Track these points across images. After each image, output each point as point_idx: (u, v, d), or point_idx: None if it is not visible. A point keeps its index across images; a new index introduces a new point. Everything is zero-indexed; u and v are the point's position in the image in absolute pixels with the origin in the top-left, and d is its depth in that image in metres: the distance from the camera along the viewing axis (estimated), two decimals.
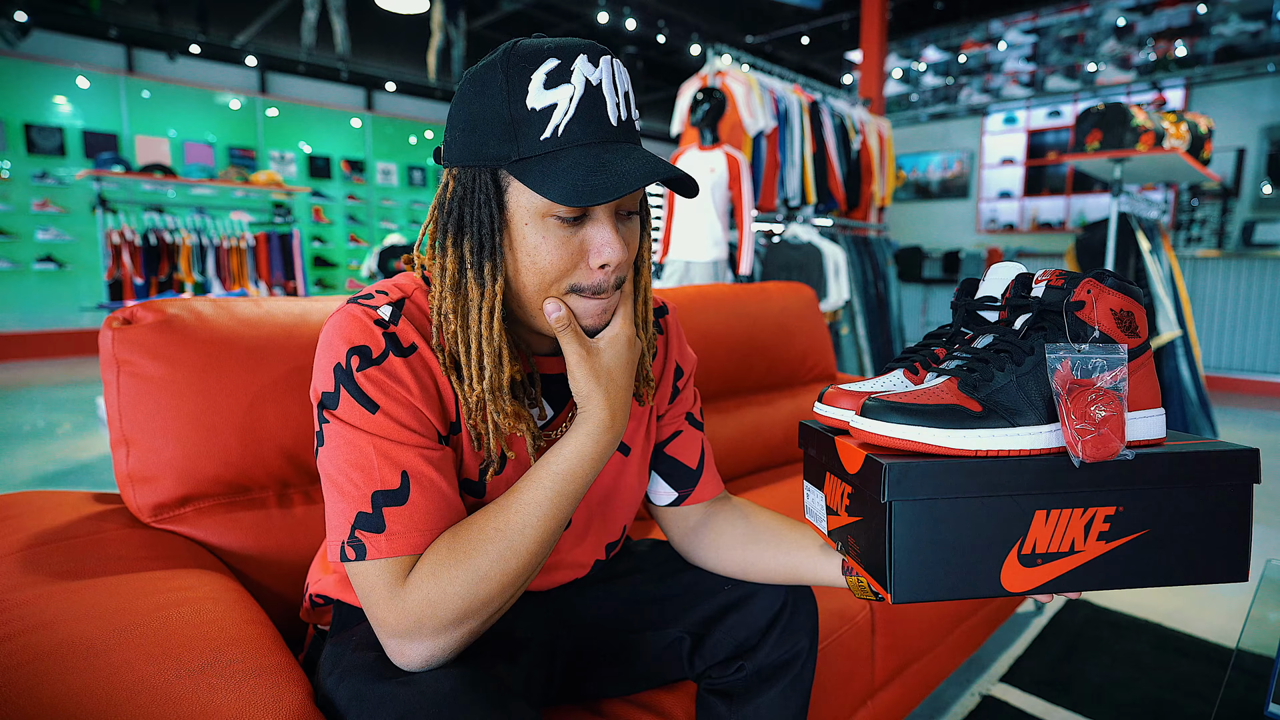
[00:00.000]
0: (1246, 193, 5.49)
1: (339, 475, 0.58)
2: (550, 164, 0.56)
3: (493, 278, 0.59)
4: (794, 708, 0.77)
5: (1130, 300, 0.58)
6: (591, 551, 0.78)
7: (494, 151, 0.57)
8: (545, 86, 0.55)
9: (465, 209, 0.59)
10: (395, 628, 0.55)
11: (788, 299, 1.72)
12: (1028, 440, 0.55)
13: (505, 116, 0.56)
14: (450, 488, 0.60)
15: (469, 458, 0.65)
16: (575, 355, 0.61)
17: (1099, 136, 2.72)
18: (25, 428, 3.72)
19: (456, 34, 6.25)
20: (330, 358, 0.59)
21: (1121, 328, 0.57)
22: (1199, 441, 0.60)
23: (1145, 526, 0.56)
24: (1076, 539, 0.56)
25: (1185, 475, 0.57)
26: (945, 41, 7.12)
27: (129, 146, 6.63)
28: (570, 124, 0.56)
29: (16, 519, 0.78)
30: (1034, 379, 0.56)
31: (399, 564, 0.56)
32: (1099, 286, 0.57)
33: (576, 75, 0.56)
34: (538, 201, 0.57)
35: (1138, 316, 0.58)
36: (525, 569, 0.59)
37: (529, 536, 0.58)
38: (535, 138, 0.56)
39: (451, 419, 0.63)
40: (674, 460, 0.80)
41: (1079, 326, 0.57)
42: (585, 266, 0.60)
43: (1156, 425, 0.60)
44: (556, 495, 0.60)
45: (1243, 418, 4.25)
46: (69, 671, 0.53)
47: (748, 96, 3.49)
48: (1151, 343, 2.92)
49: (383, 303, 0.61)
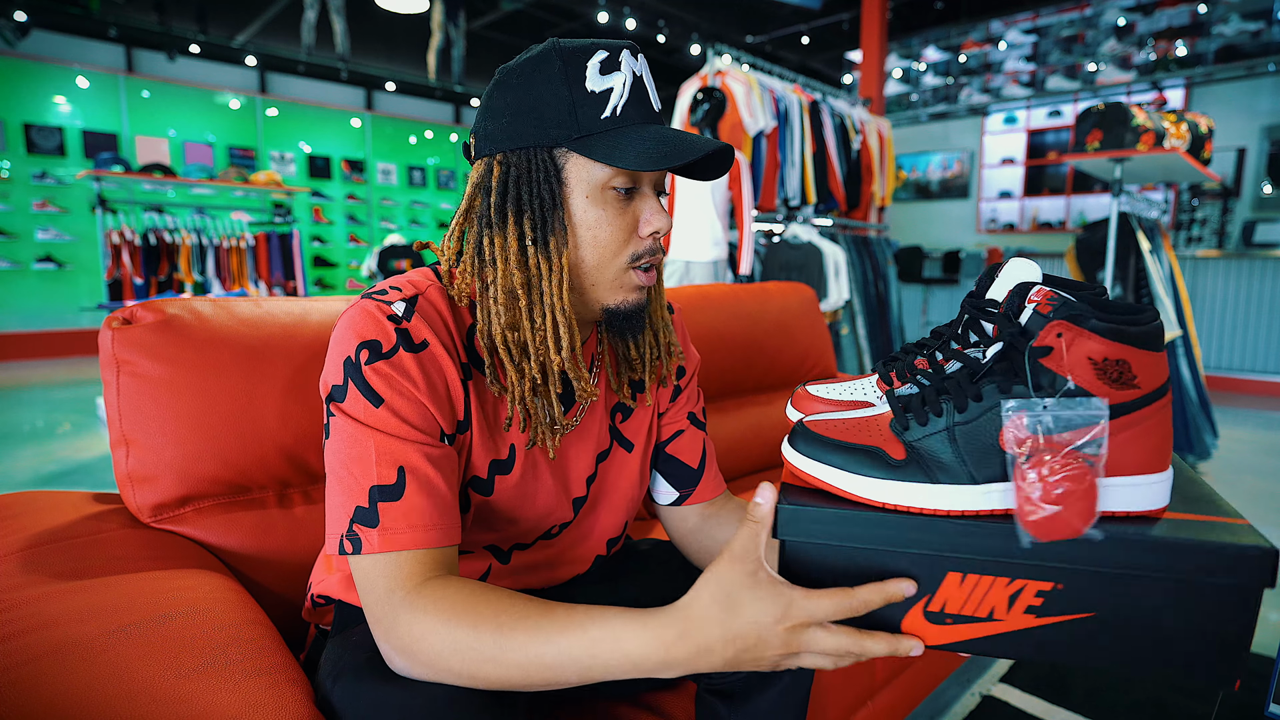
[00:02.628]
0: (1247, 192, 5.49)
1: (341, 468, 0.58)
2: (615, 138, 0.60)
3: (559, 252, 0.62)
4: (794, 708, 0.77)
5: (1121, 346, 0.45)
6: (593, 547, 0.79)
7: (554, 131, 0.61)
8: (601, 73, 0.60)
9: (522, 189, 0.62)
10: (384, 635, 0.55)
11: (788, 299, 1.71)
12: (945, 501, 0.48)
13: (566, 98, 0.60)
14: (447, 487, 0.60)
15: (478, 456, 0.65)
16: (740, 572, 0.49)
17: (1099, 136, 2.72)
18: (25, 428, 3.72)
19: (456, 34, 6.25)
20: (341, 351, 0.60)
21: (1106, 379, 0.45)
22: (1206, 520, 0.47)
23: (1089, 610, 0.47)
24: (997, 608, 0.48)
25: (1162, 569, 0.45)
26: (945, 41, 7.12)
27: (129, 146, 6.63)
28: (626, 106, 0.61)
29: (16, 519, 0.78)
30: (976, 431, 0.47)
31: (392, 561, 0.56)
32: (1072, 330, 0.45)
33: (625, 65, 0.61)
34: (597, 175, 0.61)
35: (1135, 364, 0.45)
36: (512, 687, 0.53)
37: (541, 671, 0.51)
38: (596, 116, 0.60)
39: (460, 417, 0.64)
40: (675, 460, 0.81)
41: (1043, 376, 0.46)
42: (637, 237, 0.64)
43: (1156, 494, 0.47)
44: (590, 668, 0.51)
45: (1243, 418, 4.25)
46: (69, 671, 0.53)
47: (748, 96, 3.49)
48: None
49: (397, 298, 0.62)
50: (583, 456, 0.74)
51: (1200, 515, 0.48)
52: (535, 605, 0.53)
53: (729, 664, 0.49)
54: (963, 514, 0.48)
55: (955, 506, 0.48)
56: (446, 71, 6.52)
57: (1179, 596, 0.45)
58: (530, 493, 0.70)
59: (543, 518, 0.72)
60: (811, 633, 0.48)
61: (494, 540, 0.71)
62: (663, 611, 0.50)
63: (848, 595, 0.48)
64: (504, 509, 0.69)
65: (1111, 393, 0.45)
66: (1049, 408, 0.44)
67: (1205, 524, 0.47)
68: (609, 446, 0.76)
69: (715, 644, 0.48)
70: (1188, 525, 0.46)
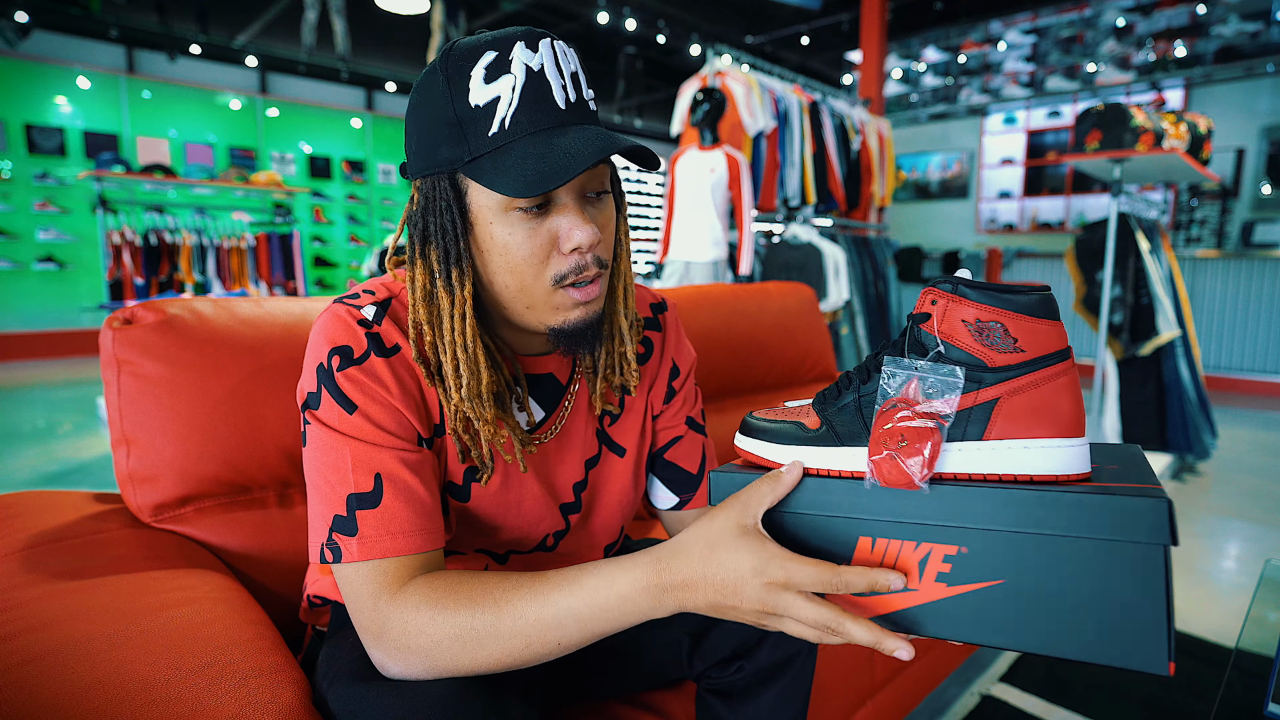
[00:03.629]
0: (1246, 193, 5.49)
1: (318, 477, 0.57)
2: (501, 158, 0.54)
3: (460, 284, 0.59)
4: (794, 707, 0.77)
5: (994, 310, 0.47)
6: (590, 554, 0.77)
7: (446, 156, 0.56)
8: (485, 81, 0.54)
9: (429, 219, 0.58)
10: (374, 641, 0.55)
11: (788, 299, 1.72)
12: (846, 461, 0.51)
13: (451, 118, 0.55)
14: (427, 491, 0.59)
15: (454, 462, 0.64)
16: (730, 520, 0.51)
17: (1098, 137, 2.72)
18: (26, 427, 3.73)
19: (457, 34, 6.25)
20: (314, 357, 0.59)
21: (985, 340, 0.47)
22: (1116, 486, 0.46)
23: (998, 576, 0.47)
24: (910, 575, 0.49)
25: (1056, 529, 0.45)
26: (945, 42, 7.12)
27: (130, 147, 6.63)
28: (516, 114, 0.54)
29: (17, 519, 0.78)
30: (875, 397, 0.51)
31: (374, 568, 0.55)
32: (945, 296, 0.49)
33: (516, 64, 0.54)
34: (497, 198, 0.56)
35: (1012, 327, 0.47)
36: (515, 662, 0.53)
37: (543, 635, 0.52)
38: (484, 134, 0.55)
39: (435, 421, 0.62)
40: (674, 466, 0.79)
41: (925, 339, 0.49)
42: (559, 254, 0.58)
43: (1059, 459, 0.47)
44: (590, 620, 0.51)
45: (1242, 418, 4.25)
46: (69, 671, 0.53)
47: (747, 97, 3.50)
48: (1150, 344, 2.91)
49: (368, 302, 0.61)
50: (568, 464, 0.71)
51: (1118, 482, 0.46)
52: (524, 575, 0.54)
53: (711, 607, 0.50)
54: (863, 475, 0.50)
55: (858, 467, 0.51)
56: None
57: (1081, 559, 0.44)
58: (514, 501, 0.68)
59: (533, 525, 0.70)
60: (790, 597, 0.48)
61: (484, 545, 0.70)
62: (651, 548, 0.52)
63: (832, 570, 0.48)
64: (485, 516, 0.68)
65: (993, 355, 0.47)
66: (920, 368, 0.48)
67: (1110, 489, 0.45)
68: (598, 453, 0.74)
69: (696, 580, 0.50)
70: (1093, 490, 0.45)
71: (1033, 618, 0.46)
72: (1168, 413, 3.03)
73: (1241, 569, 2.17)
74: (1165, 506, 0.42)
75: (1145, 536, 0.42)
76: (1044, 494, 0.45)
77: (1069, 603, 0.45)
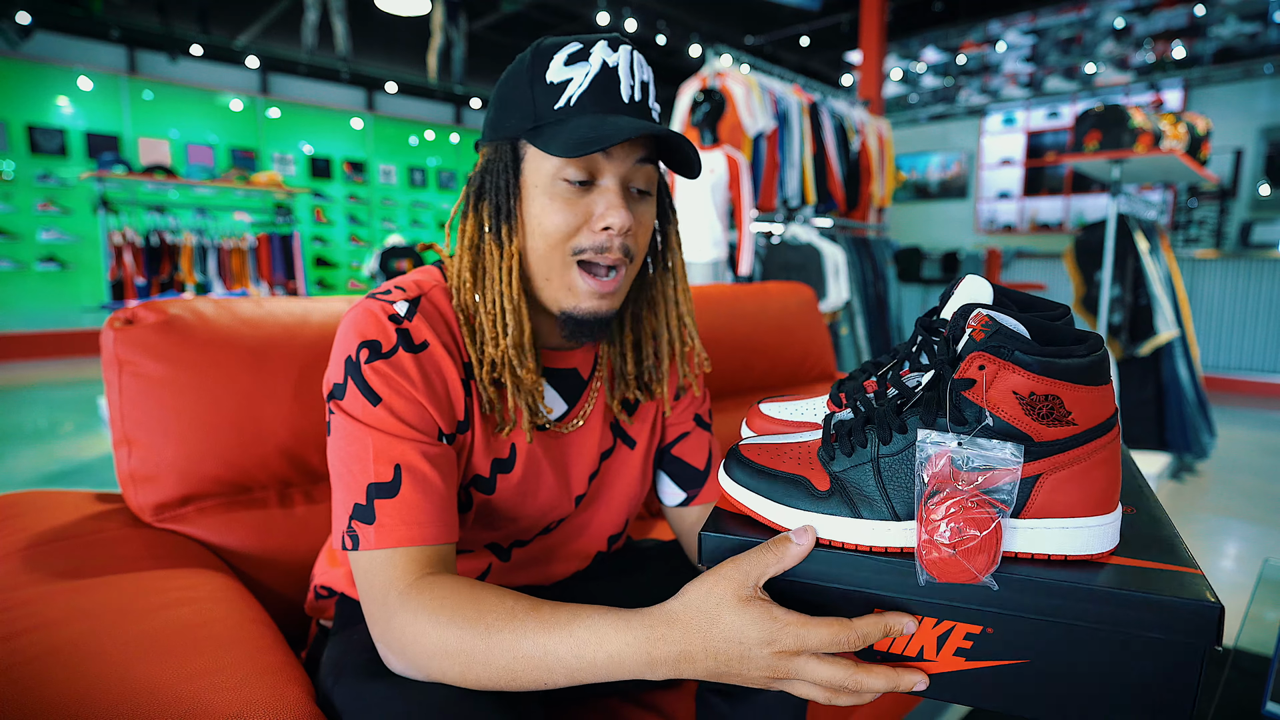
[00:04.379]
0: (1244, 193, 5.49)
1: (341, 466, 0.59)
2: (559, 128, 0.59)
3: (509, 239, 0.63)
4: (793, 706, 0.77)
5: (1049, 380, 0.41)
6: (592, 542, 0.79)
7: (514, 124, 0.62)
8: (565, 64, 0.60)
9: (486, 178, 0.63)
10: (380, 635, 0.55)
11: (788, 299, 1.72)
12: (869, 536, 0.46)
13: (527, 92, 0.61)
14: (444, 485, 0.60)
15: (479, 455, 0.66)
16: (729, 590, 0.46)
17: (1097, 137, 2.73)
18: (28, 428, 3.73)
19: (457, 35, 6.26)
20: (343, 350, 0.61)
21: (1034, 415, 0.42)
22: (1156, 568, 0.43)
23: (1021, 657, 0.44)
24: (927, 647, 0.46)
25: (1095, 620, 0.42)
26: (944, 42, 7.13)
27: (131, 147, 6.64)
28: (583, 95, 0.60)
29: (19, 518, 0.79)
30: (900, 464, 0.45)
31: (388, 559, 0.56)
32: (995, 363, 0.42)
33: (595, 56, 0.60)
34: (549, 165, 0.60)
35: (1068, 399, 0.41)
36: (504, 688, 0.52)
37: (529, 672, 0.51)
38: (550, 106, 0.60)
39: (460, 418, 0.64)
40: (681, 462, 0.81)
41: (966, 409, 0.43)
42: (589, 230, 0.62)
43: (1095, 538, 0.44)
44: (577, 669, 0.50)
45: (1241, 417, 4.25)
46: (71, 670, 0.54)
47: (747, 97, 3.50)
48: (1148, 345, 2.92)
49: (400, 298, 0.63)
50: (586, 455, 0.74)
51: (1152, 562, 0.44)
52: (523, 604, 0.52)
53: (712, 675, 0.48)
54: (885, 550, 0.45)
55: (877, 543, 0.46)
56: (447, 73, 6.53)
57: (1116, 650, 0.42)
58: (532, 490, 0.70)
59: (544, 514, 0.73)
60: (803, 660, 0.46)
61: (495, 539, 0.72)
62: (647, 612, 0.49)
63: (845, 627, 0.45)
64: (506, 507, 0.70)
65: (1042, 430, 0.42)
66: (964, 444, 0.42)
67: (1153, 572, 0.43)
68: (613, 444, 0.77)
69: (695, 653, 0.47)
70: (1133, 573, 0.42)
71: (1052, 694, 0.45)
72: (1166, 413, 3.03)
73: (1240, 568, 2.17)
74: (1216, 614, 0.39)
75: (1194, 637, 0.40)
76: (1080, 587, 0.42)
77: (1093, 684, 0.43)
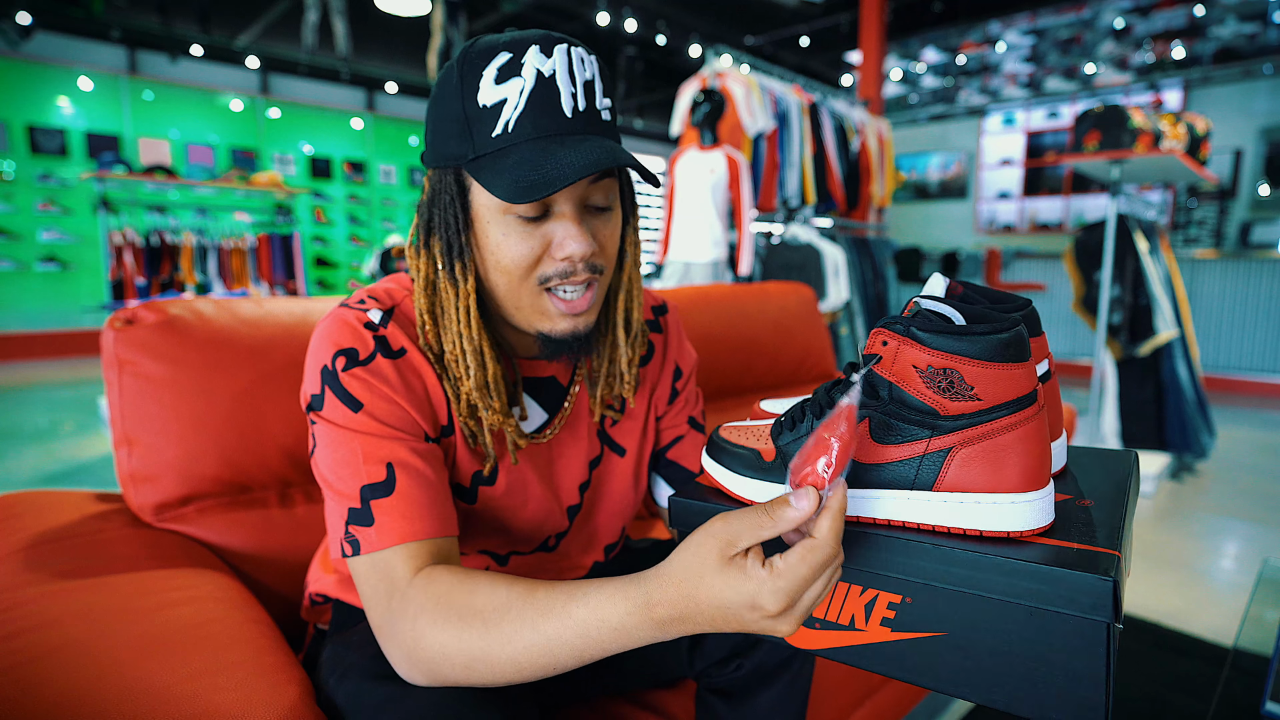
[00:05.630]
0: (1244, 193, 5.49)
1: (330, 475, 0.58)
2: (499, 161, 0.55)
3: (464, 277, 0.60)
4: (793, 706, 0.77)
5: (946, 355, 0.42)
6: (590, 554, 0.78)
7: (454, 151, 0.57)
8: (496, 82, 0.54)
9: (434, 210, 0.60)
10: (385, 639, 0.55)
11: (788, 299, 1.72)
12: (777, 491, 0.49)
13: (460, 115, 0.56)
14: (439, 479, 0.59)
15: (463, 462, 0.65)
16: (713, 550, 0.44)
17: (1097, 137, 2.73)
18: (28, 427, 3.73)
19: (457, 35, 6.26)
20: (317, 361, 0.60)
21: (936, 388, 0.43)
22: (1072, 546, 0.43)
23: (940, 629, 0.46)
24: (857, 615, 0.49)
25: (999, 592, 0.43)
26: (944, 43, 7.13)
27: (131, 148, 6.63)
28: (520, 118, 0.55)
29: (19, 518, 0.79)
30: None
31: (389, 559, 0.55)
32: (896, 338, 0.44)
33: (527, 68, 0.54)
34: (496, 200, 0.56)
35: (967, 374, 0.43)
36: (512, 682, 0.51)
37: (534, 661, 0.50)
38: (487, 135, 0.55)
39: (442, 422, 0.63)
40: (677, 465, 0.80)
41: (880, 385, 0.46)
42: (550, 259, 0.59)
43: (1014, 514, 0.44)
44: (583, 649, 0.49)
45: (1240, 417, 4.25)
46: (71, 670, 0.54)
47: (747, 97, 3.50)
48: (1148, 345, 2.92)
49: (373, 307, 0.62)
50: (574, 465, 0.72)
51: (1073, 543, 0.44)
52: (517, 592, 0.50)
53: (717, 629, 0.46)
54: None
55: None
56: None
57: (1025, 624, 0.43)
58: (518, 504, 0.69)
59: (537, 528, 0.71)
60: (799, 609, 0.44)
61: (487, 546, 0.71)
62: (641, 577, 0.48)
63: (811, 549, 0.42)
64: (491, 519, 0.68)
65: (946, 404, 0.43)
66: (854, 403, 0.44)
67: (1066, 550, 0.43)
68: (600, 453, 0.75)
69: (691, 614, 0.46)
70: (1043, 550, 0.43)
71: (974, 670, 0.46)
72: (1166, 413, 3.03)
73: (1239, 568, 2.17)
74: (1109, 587, 0.39)
75: (1087, 612, 0.41)
76: (982, 556, 0.43)
77: (1010, 661, 0.44)
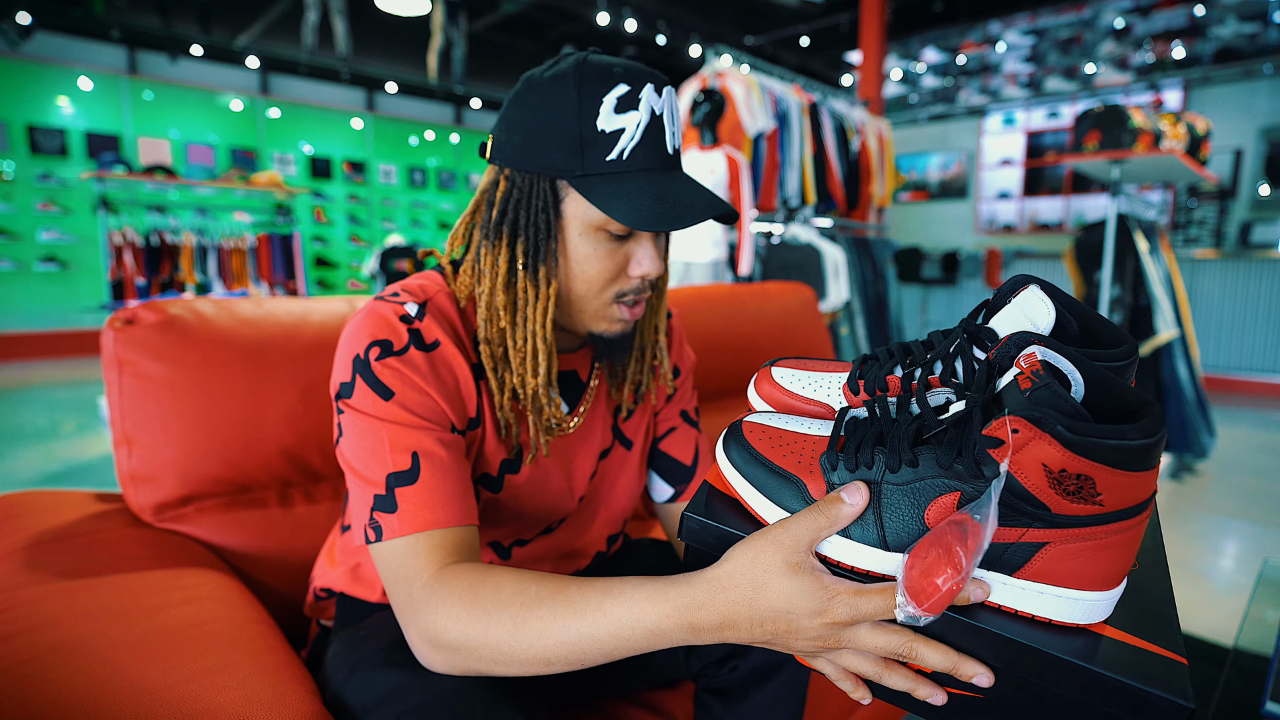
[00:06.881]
0: (1244, 193, 5.49)
1: (356, 462, 0.59)
2: (615, 184, 0.59)
3: (547, 281, 0.63)
4: (790, 706, 0.77)
5: (1086, 462, 0.37)
6: (592, 541, 0.80)
7: (558, 163, 0.60)
8: (616, 110, 0.59)
9: (521, 212, 0.62)
10: (406, 627, 0.55)
11: (788, 299, 1.72)
12: (850, 556, 0.44)
13: (575, 133, 0.59)
14: (462, 471, 0.61)
15: (490, 452, 0.67)
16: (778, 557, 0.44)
17: (1097, 137, 2.73)
18: (28, 428, 3.73)
19: (457, 35, 6.26)
20: (350, 350, 0.61)
21: (1060, 491, 0.38)
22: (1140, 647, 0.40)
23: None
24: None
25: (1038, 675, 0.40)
26: (944, 43, 7.13)
27: (131, 147, 6.64)
28: (636, 149, 0.60)
29: (19, 518, 0.79)
30: (902, 495, 0.42)
31: (413, 546, 0.56)
32: (1031, 430, 0.37)
33: (644, 104, 0.59)
34: (593, 215, 0.61)
35: (1101, 482, 0.37)
36: (542, 672, 0.51)
37: (564, 656, 0.50)
38: (602, 157, 0.59)
39: (470, 415, 0.65)
40: (669, 456, 0.83)
41: (987, 466, 0.40)
42: (625, 275, 0.65)
43: (1089, 610, 0.41)
44: (614, 648, 0.49)
45: (1240, 417, 4.25)
46: (71, 671, 0.54)
47: (747, 97, 3.50)
48: (1148, 345, 2.92)
49: (409, 300, 0.64)
50: (587, 455, 0.75)
51: (1140, 640, 0.41)
52: (548, 587, 0.50)
53: (759, 642, 0.46)
54: (868, 573, 0.44)
55: (859, 564, 0.44)
56: (447, 73, 6.53)
57: (1074, 714, 0.41)
58: (538, 491, 0.71)
59: (549, 513, 0.74)
60: (856, 630, 0.43)
61: (497, 536, 0.73)
62: (685, 580, 0.47)
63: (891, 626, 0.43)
64: (511, 506, 0.71)
65: (1063, 504, 0.39)
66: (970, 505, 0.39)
67: (1134, 651, 0.40)
68: (610, 445, 0.78)
69: (740, 621, 0.45)
70: (1114, 647, 0.40)
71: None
72: (1166, 412, 3.03)
73: (1239, 568, 2.17)
74: (1185, 715, 0.37)
75: None
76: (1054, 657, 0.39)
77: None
